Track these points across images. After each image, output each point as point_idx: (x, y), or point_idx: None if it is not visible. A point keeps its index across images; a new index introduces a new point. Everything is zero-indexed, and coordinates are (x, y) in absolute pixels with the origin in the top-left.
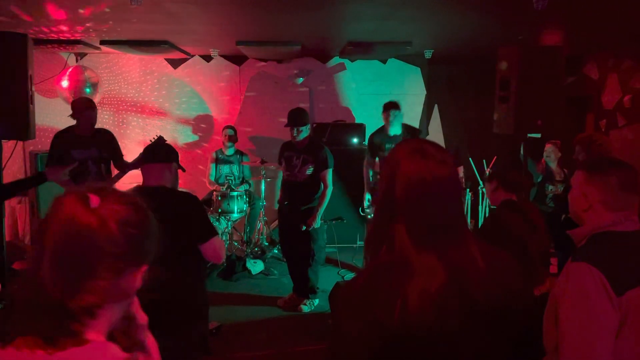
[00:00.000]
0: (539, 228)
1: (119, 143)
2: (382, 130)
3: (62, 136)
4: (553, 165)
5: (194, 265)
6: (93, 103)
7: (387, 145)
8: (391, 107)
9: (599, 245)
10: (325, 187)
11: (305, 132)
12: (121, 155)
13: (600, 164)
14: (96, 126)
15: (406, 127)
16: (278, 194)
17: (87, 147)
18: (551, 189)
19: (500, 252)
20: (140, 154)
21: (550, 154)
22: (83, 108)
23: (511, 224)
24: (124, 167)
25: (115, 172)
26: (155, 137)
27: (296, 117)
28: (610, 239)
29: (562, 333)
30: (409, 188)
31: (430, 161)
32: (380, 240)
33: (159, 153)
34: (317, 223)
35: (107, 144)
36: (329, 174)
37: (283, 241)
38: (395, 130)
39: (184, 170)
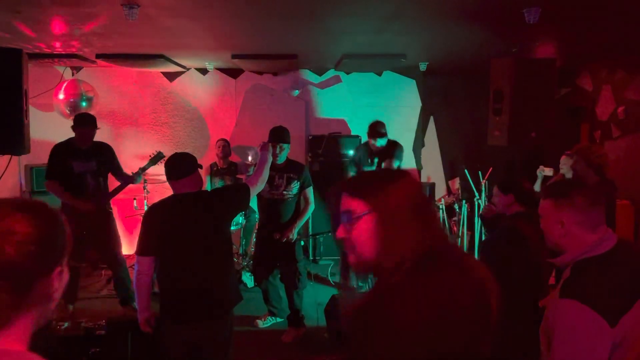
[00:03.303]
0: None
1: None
2: (366, 145)
3: (61, 148)
4: (568, 176)
5: (230, 252)
6: (95, 120)
7: (371, 157)
8: (374, 135)
9: (584, 276)
10: (308, 203)
11: (286, 150)
12: (120, 168)
13: (562, 189)
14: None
15: (390, 142)
16: None
17: (86, 159)
18: None
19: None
20: (140, 169)
21: (563, 166)
22: (84, 124)
23: (530, 237)
24: (125, 180)
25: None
26: (155, 153)
27: (280, 134)
28: (593, 266)
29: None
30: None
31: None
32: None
33: (181, 170)
34: (293, 235)
35: (107, 157)
36: (312, 192)
37: (264, 266)
38: (381, 144)
39: (201, 168)
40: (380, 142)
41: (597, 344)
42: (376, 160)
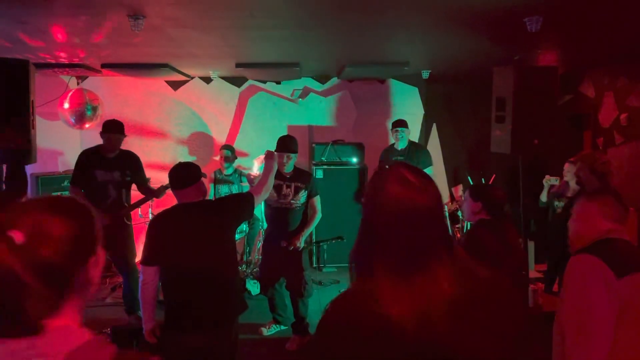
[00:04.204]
0: (515, 249)
1: None
2: (392, 146)
3: (88, 154)
4: (572, 183)
5: (235, 261)
6: (121, 127)
7: (395, 158)
8: (397, 125)
9: (599, 244)
10: (315, 212)
11: (294, 159)
12: (145, 180)
13: (598, 190)
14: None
15: (412, 143)
16: None
17: (110, 169)
18: (557, 205)
19: (491, 281)
20: (163, 186)
21: (567, 173)
22: (111, 130)
23: (488, 245)
24: (149, 194)
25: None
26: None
27: (288, 144)
28: (608, 242)
29: (564, 320)
30: (388, 216)
31: (411, 189)
32: (361, 264)
33: (185, 179)
34: (301, 243)
35: (132, 168)
36: (319, 201)
37: (270, 274)
38: (402, 144)
39: (205, 176)
40: (402, 133)
41: (603, 291)
42: (400, 159)
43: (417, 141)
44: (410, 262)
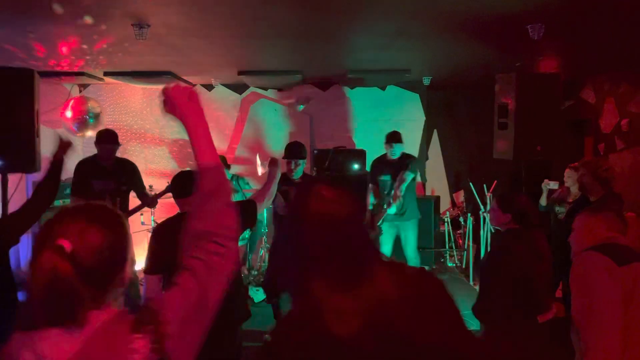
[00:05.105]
0: (545, 257)
1: None
2: (382, 157)
3: (84, 164)
4: (573, 189)
5: (238, 269)
6: (115, 137)
7: (387, 169)
8: (392, 140)
9: (599, 245)
10: None
11: (302, 165)
12: (143, 187)
13: (599, 206)
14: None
15: (404, 155)
16: None
17: (106, 178)
18: (558, 210)
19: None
20: (156, 195)
21: (568, 179)
22: (104, 140)
23: (519, 255)
24: (143, 202)
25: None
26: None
27: (296, 150)
28: (608, 244)
29: (575, 313)
30: (312, 232)
31: (327, 203)
32: (297, 284)
33: (187, 189)
34: None
35: (128, 175)
36: None
37: (274, 280)
38: (395, 156)
39: None
40: (397, 148)
41: (606, 277)
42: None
43: (418, 148)
44: (347, 273)
